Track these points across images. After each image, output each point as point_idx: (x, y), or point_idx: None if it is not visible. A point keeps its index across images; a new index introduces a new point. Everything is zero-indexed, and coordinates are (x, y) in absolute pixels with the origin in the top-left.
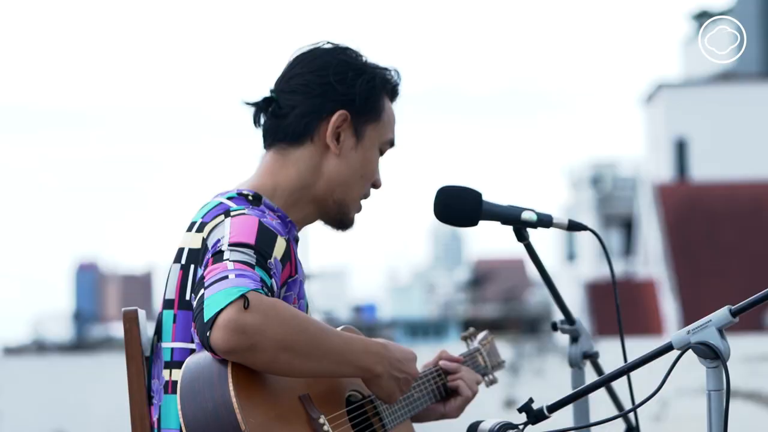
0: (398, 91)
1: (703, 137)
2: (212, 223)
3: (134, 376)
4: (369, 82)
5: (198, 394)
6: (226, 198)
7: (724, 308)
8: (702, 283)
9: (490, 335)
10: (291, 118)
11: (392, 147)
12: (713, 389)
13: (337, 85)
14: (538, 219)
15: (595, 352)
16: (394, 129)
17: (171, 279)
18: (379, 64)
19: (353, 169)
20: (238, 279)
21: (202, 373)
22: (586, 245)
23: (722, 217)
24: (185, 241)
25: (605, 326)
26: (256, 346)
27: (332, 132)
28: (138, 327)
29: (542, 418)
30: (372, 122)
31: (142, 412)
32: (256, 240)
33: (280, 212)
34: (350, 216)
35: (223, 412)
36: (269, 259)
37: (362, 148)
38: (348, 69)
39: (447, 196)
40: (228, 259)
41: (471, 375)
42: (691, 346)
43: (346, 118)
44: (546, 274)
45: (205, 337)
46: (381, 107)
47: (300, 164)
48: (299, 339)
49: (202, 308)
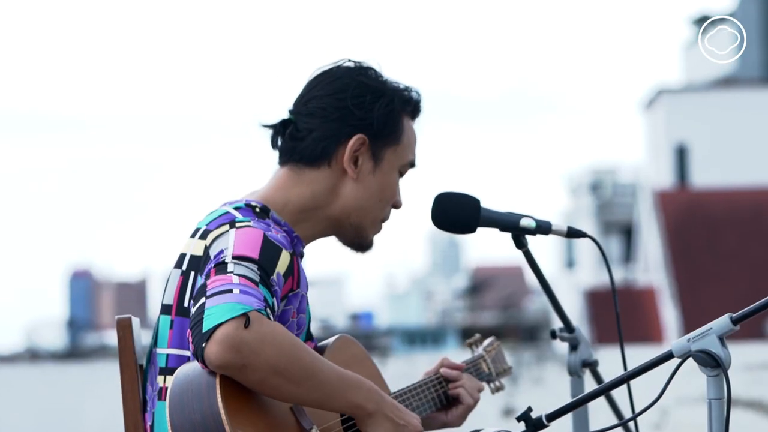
0: (420, 109)
1: (703, 143)
2: (216, 232)
3: (128, 384)
4: (388, 105)
5: (186, 405)
6: (233, 208)
7: (725, 316)
8: (702, 291)
9: (497, 341)
10: (308, 141)
11: (413, 168)
12: (714, 398)
13: (354, 109)
14: (536, 226)
15: (595, 360)
16: (415, 150)
17: (170, 284)
18: (399, 84)
19: (370, 194)
20: (243, 296)
21: (191, 384)
22: (585, 252)
23: (723, 224)
24: (187, 247)
25: (605, 334)
26: (249, 366)
27: (350, 156)
28: (132, 335)
29: (541, 427)
30: (391, 146)
31: (136, 421)
32: (260, 255)
33: (287, 227)
34: (368, 239)
35: (212, 423)
36: (272, 275)
37: (381, 172)
38: (366, 92)
39: (445, 203)
40: (232, 272)
41: (472, 383)
42: (691, 354)
43: (364, 142)
44: (545, 282)
45: (200, 348)
46: (400, 130)
47: (315, 185)
48: (293, 366)
49: (202, 318)
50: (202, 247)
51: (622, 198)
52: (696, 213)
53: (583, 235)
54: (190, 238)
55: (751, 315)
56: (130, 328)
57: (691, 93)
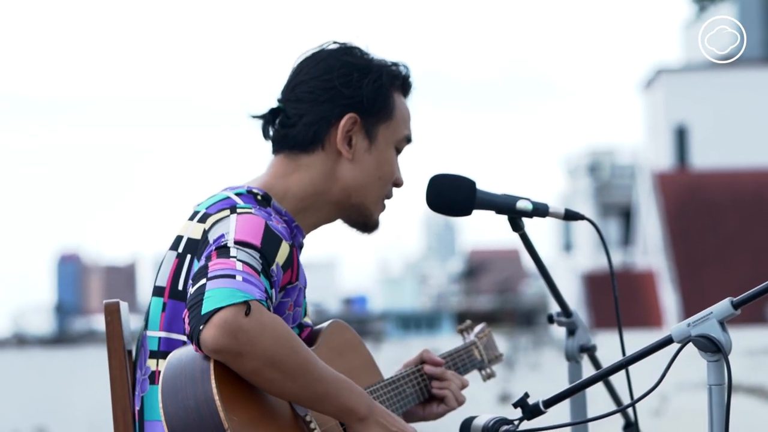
0: (410, 84)
1: (704, 124)
2: (216, 216)
3: (116, 369)
4: (376, 81)
5: (180, 391)
6: (235, 194)
7: (726, 300)
8: (703, 274)
9: (488, 328)
10: (299, 127)
11: (409, 143)
12: (714, 384)
13: (342, 88)
14: (533, 208)
15: (593, 345)
16: (410, 125)
17: (165, 266)
18: (386, 60)
19: (369, 172)
20: (246, 284)
21: (185, 369)
22: (583, 235)
23: (724, 206)
24: (185, 229)
25: (603, 319)
26: (244, 354)
27: (343, 137)
28: (120, 319)
29: (538, 413)
30: (384, 122)
31: (125, 407)
32: (261, 242)
33: (287, 216)
34: (373, 219)
35: (206, 410)
36: (272, 265)
37: (376, 150)
38: (353, 70)
39: (440, 185)
40: (235, 258)
41: (458, 381)
42: (691, 339)
43: (356, 122)
44: (542, 265)
45: (197, 330)
46: (391, 105)
47: (312, 170)
48: (288, 360)
49: (202, 300)
50: (200, 230)
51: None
52: (696, 195)
53: (581, 217)
54: (188, 220)
55: (752, 299)
56: (119, 313)
57: (691, 72)
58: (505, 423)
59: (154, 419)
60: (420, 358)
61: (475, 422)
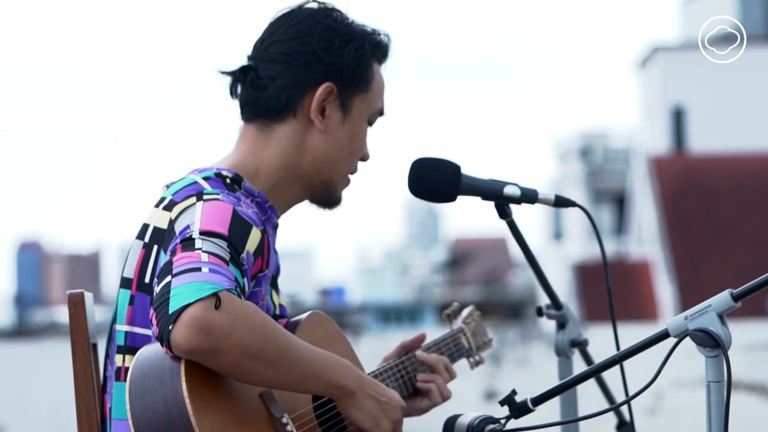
0: (388, 54)
1: (702, 105)
2: (182, 205)
3: (81, 364)
4: (358, 50)
5: (148, 393)
6: (202, 177)
7: (725, 292)
8: (701, 264)
9: (476, 312)
10: (271, 90)
11: (382, 116)
12: (713, 380)
13: (322, 54)
14: (522, 194)
15: (584, 339)
16: (383, 97)
17: (131, 256)
18: (367, 27)
19: (340, 146)
20: (212, 275)
21: (153, 369)
22: (574, 223)
23: (722, 193)
24: (151, 217)
25: (595, 311)
26: (219, 350)
27: (317, 106)
28: (84, 311)
29: (526, 411)
30: (360, 93)
31: (89, 404)
32: (229, 230)
33: (260, 197)
34: (338, 194)
35: (176, 413)
36: (242, 253)
37: (350, 123)
38: (334, 35)
39: (423, 169)
40: (200, 249)
41: (446, 375)
42: (689, 334)
43: (332, 91)
44: (530, 255)
45: (166, 331)
46: (370, 76)
47: (283, 142)
48: (267, 348)
49: (168, 299)
50: (167, 219)
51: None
52: (694, 180)
53: (572, 204)
54: (155, 207)
55: (753, 291)
56: (83, 304)
57: (688, 51)
58: (491, 422)
59: (121, 418)
60: (401, 348)
61: (459, 421)
